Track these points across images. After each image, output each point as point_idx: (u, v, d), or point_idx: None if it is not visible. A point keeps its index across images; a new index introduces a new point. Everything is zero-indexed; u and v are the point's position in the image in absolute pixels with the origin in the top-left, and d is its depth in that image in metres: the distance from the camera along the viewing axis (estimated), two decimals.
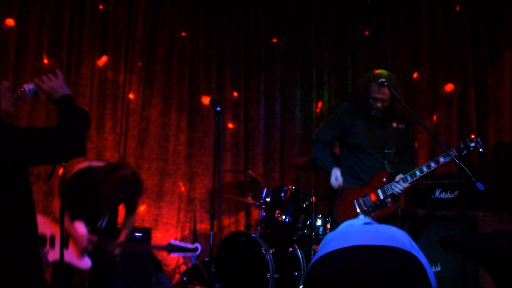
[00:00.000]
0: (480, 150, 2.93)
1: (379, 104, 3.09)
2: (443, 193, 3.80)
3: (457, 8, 4.83)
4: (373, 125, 3.18)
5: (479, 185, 2.37)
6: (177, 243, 3.22)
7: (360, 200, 3.14)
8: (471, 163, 4.48)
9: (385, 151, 3.16)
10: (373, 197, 3.11)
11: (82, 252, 3.15)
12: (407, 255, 1.49)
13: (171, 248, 3.19)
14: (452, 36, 4.82)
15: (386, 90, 3.05)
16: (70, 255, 3.17)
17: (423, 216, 3.82)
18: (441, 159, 2.93)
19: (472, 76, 4.69)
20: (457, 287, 3.35)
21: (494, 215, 3.44)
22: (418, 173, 2.98)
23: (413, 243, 1.56)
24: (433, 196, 3.86)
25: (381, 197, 3.09)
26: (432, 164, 2.96)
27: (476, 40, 4.70)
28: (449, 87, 4.82)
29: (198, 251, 3.23)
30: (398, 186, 3.03)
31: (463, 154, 2.93)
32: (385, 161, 3.15)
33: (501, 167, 3.87)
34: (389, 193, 3.07)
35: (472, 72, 4.69)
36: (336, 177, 3.25)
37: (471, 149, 2.94)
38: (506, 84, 4.47)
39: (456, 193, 3.70)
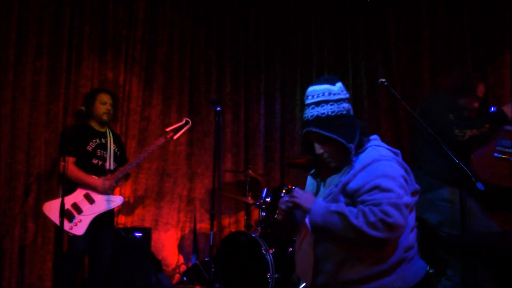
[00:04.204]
0: None
1: (476, 104, 3.11)
2: None
3: (457, 8, 4.83)
4: None
5: (479, 185, 2.36)
6: (173, 127, 3.95)
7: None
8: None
9: None
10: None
11: (110, 190, 3.69)
12: None
13: (172, 133, 3.92)
14: (452, 36, 4.82)
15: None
16: (100, 205, 3.66)
17: None
18: None
19: None
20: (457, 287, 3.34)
21: (494, 215, 3.43)
22: None
23: None
24: None
25: None
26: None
27: (476, 40, 4.70)
28: None
29: (189, 123, 3.98)
30: None
31: None
32: None
33: None
34: None
35: None
36: None
37: None
38: (506, 83, 4.47)
39: None
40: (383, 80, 3.01)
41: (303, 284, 3.83)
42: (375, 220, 1.77)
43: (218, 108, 3.34)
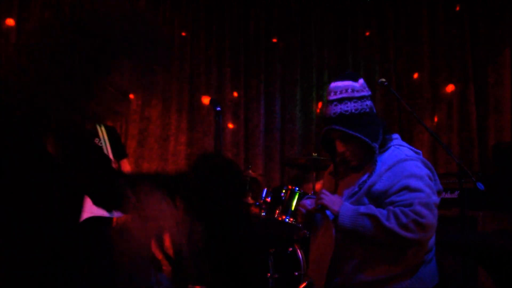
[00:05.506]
0: None
1: None
2: (443, 193, 3.79)
3: (457, 8, 4.83)
4: None
5: (479, 185, 2.36)
6: None
7: None
8: (471, 163, 4.48)
9: None
10: None
11: None
12: None
13: None
14: (452, 36, 4.82)
15: None
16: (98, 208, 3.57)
17: None
18: None
19: (472, 76, 4.69)
20: (457, 287, 3.34)
21: (494, 215, 3.43)
22: None
23: None
24: None
25: None
26: None
27: (476, 40, 4.70)
28: (450, 87, 4.82)
29: None
30: None
31: None
32: None
33: (501, 167, 3.86)
34: None
35: (472, 72, 4.69)
36: None
37: None
38: (506, 83, 4.47)
39: (456, 193, 3.70)
40: (383, 80, 3.01)
41: (303, 284, 3.83)
42: (408, 222, 1.72)
43: (218, 108, 3.33)
